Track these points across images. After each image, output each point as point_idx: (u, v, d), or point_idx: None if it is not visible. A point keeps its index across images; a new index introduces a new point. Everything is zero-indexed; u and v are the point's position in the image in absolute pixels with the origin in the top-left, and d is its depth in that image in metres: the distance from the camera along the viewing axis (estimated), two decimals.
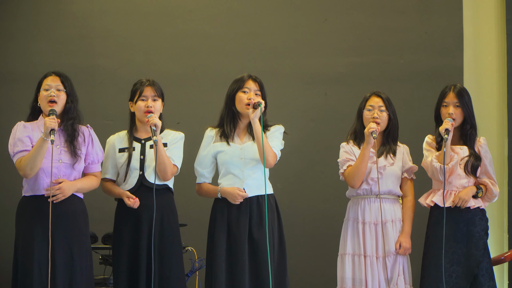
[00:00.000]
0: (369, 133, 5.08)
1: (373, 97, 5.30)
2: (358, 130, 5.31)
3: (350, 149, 5.29)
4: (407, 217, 5.24)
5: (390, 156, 5.26)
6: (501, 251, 6.45)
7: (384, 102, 5.26)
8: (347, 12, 7.05)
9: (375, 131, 5.07)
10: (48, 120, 4.73)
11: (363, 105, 5.29)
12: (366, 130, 5.12)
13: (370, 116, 5.24)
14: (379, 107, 5.25)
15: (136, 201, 4.98)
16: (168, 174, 5.03)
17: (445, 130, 5.03)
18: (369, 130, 5.09)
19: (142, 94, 5.11)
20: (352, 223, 5.24)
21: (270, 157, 5.03)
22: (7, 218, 5.30)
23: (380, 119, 5.23)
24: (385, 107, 5.26)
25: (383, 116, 5.25)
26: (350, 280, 5.17)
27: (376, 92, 5.32)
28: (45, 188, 4.81)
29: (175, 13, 7.13)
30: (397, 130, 5.32)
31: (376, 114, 5.23)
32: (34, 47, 7.08)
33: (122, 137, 5.19)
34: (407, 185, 5.30)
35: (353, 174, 5.18)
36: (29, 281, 4.73)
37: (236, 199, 5.02)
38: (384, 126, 5.26)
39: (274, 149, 5.08)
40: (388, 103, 5.27)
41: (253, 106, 5.01)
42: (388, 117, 5.27)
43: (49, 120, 4.73)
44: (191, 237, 5.84)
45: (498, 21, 6.82)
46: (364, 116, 5.28)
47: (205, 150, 5.19)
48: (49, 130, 4.69)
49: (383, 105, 5.26)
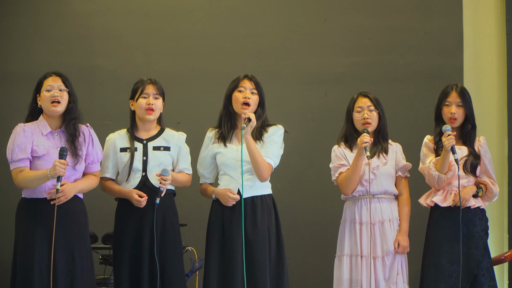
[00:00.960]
0: (362, 147, 5.06)
1: (361, 97, 5.28)
2: (348, 133, 5.31)
3: (342, 153, 5.28)
4: (404, 215, 5.24)
5: (383, 155, 5.26)
6: (501, 251, 6.45)
7: (372, 101, 5.25)
8: (347, 12, 7.05)
9: (368, 146, 5.04)
10: (58, 165, 4.68)
11: (352, 107, 5.28)
12: (359, 143, 5.08)
13: (360, 117, 5.23)
14: (368, 107, 5.25)
15: (145, 199, 4.99)
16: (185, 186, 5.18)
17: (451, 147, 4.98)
18: (362, 144, 5.05)
19: (144, 91, 5.11)
20: (349, 224, 5.24)
21: (264, 172, 5.03)
22: (7, 218, 5.30)
23: (371, 119, 5.22)
24: (374, 107, 5.25)
25: (373, 115, 5.24)
26: (347, 281, 5.17)
27: (363, 92, 5.30)
28: (47, 191, 4.80)
29: (175, 13, 7.13)
30: (387, 128, 5.31)
31: (366, 115, 5.22)
32: (34, 47, 7.08)
33: (122, 136, 5.19)
34: (402, 183, 5.30)
35: (346, 183, 5.18)
36: (29, 282, 4.72)
37: (227, 202, 5.03)
38: (375, 125, 5.26)
39: (269, 160, 5.06)
40: (376, 102, 5.26)
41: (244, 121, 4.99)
42: (378, 116, 5.26)
43: (59, 165, 4.68)
44: (191, 237, 5.84)
45: (498, 21, 6.82)
46: (354, 118, 5.27)
47: (204, 151, 5.21)
48: (57, 177, 4.69)
49: (371, 104, 5.25)
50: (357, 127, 5.24)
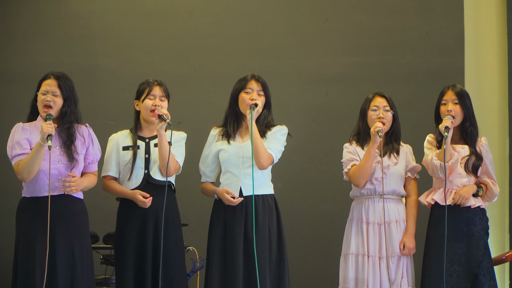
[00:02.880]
0: (375, 132, 5.08)
1: (377, 97, 5.29)
2: (362, 131, 5.31)
3: (354, 150, 5.29)
4: (411, 217, 5.24)
5: (394, 156, 5.26)
6: (502, 251, 6.45)
7: (388, 102, 5.27)
8: (348, 12, 7.05)
9: (381, 129, 5.07)
10: (45, 125, 4.71)
11: (368, 106, 5.29)
12: (372, 130, 5.11)
13: (375, 116, 5.23)
14: (384, 107, 5.25)
15: (150, 199, 4.99)
16: (171, 170, 5.03)
17: (444, 127, 5.03)
18: (375, 129, 5.09)
19: (151, 93, 5.11)
20: (356, 223, 5.24)
21: (263, 159, 5.02)
22: (7, 218, 5.30)
23: (386, 119, 5.23)
24: (389, 107, 5.26)
25: (388, 116, 5.25)
26: (353, 280, 5.16)
27: (379, 92, 5.31)
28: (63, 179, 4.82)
29: (176, 13, 7.13)
30: (400, 130, 5.32)
31: (382, 114, 5.23)
32: (34, 47, 7.08)
33: (125, 135, 5.20)
34: (411, 184, 5.30)
35: (358, 173, 5.17)
36: (31, 282, 4.72)
37: (226, 202, 5.03)
38: (389, 126, 5.26)
39: (270, 151, 5.06)
40: (392, 103, 5.28)
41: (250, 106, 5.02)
42: (393, 117, 5.27)
43: (46, 125, 4.71)
44: (192, 237, 5.84)
45: (499, 21, 6.82)
46: (369, 116, 5.27)
47: (207, 149, 5.21)
48: (46, 136, 4.69)
49: (387, 105, 5.26)
50: (370, 125, 5.24)
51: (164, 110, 5.03)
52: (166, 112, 5.00)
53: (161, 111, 5.00)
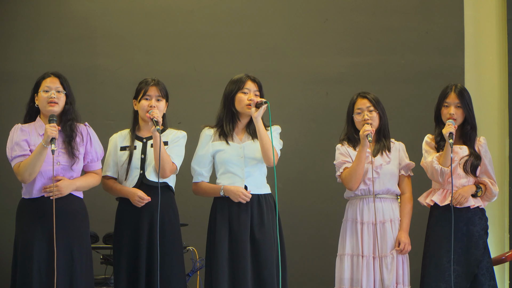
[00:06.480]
0: (364, 135, 5.07)
1: (359, 99, 5.28)
2: (350, 134, 5.31)
3: (346, 151, 5.28)
4: (405, 213, 5.23)
5: (386, 154, 5.25)
6: (502, 251, 6.45)
7: (371, 102, 5.24)
8: (348, 12, 7.05)
9: (370, 133, 5.06)
10: (49, 128, 4.70)
11: (351, 109, 5.28)
12: (361, 133, 5.11)
13: (360, 119, 5.22)
14: (367, 108, 5.24)
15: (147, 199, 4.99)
16: (166, 171, 5.01)
17: (449, 134, 5.02)
18: (364, 133, 5.08)
19: (146, 93, 5.10)
20: (350, 224, 5.24)
21: (274, 156, 5.03)
22: (7, 218, 5.30)
23: (372, 120, 5.21)
24: (373, 107, 5.24)
25: (374, 116, 5.23)
26: (349, 281, 5.16)
27: (361, 93, 5.30)
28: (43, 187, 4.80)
29: (176, 13, 7.13)
30: (388, 126, 5.31)
31: (366, 116, 5.22)
32: (34, 47, 7.08)
33: (124, 136, 5.19)
34: (405, 182, 5.30)
35: (350, 176, 5.17)
36: (28, 281, 4.72)
37: (239, 198, 5.01)
38: (377, 125, 5.25)
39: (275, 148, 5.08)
40: (375, 102, 5.25)
41: (255, 105, 5.02)
42: (379, 116, 5.25)
43: (50, 128, 4.70)
44: (192, 237, 5.84)
45: (499, 21, 6.82)
46: (355, 120, 5.27)
47: (203, 149, 5.17)
48: (50, 139, 4.68)
49: (370, 105, 5.24)
50: (358, 128, 5.23)
51: (155, 113, 4.98)
52: (157, 115, 4.96)
53: (152, 114, 4.97)
